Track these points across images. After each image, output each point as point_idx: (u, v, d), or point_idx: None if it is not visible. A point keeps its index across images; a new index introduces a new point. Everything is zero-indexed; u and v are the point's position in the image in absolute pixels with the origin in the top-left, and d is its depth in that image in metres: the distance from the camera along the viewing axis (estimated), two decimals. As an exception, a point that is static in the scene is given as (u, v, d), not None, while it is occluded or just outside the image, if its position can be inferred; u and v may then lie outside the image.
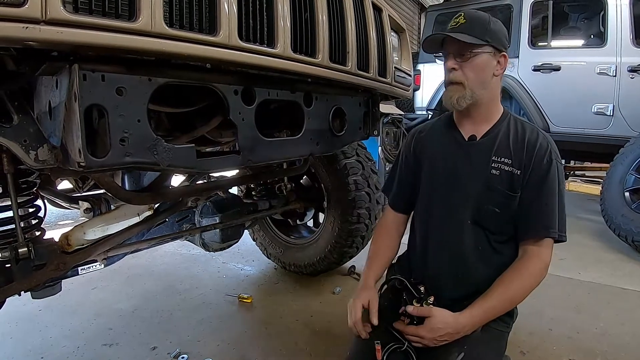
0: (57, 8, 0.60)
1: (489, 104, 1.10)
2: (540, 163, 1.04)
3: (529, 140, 1.06)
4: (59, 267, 1.14)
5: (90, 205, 1.57)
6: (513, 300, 1.04)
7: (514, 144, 1.06)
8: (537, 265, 1.03)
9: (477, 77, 1.05)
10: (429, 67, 4.73)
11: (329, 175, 2.08)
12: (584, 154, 4.52)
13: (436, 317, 1.00)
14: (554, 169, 1.04)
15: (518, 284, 1.02)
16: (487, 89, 1.07)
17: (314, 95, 1.22)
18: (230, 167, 1.18)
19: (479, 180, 1.07)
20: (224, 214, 1.74)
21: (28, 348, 1.68)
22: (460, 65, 1.05)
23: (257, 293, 2.22)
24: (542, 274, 1.04)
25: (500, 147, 1.07)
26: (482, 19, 1.06)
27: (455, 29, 1.04)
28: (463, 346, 1.00)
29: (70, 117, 0.72)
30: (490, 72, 1.06)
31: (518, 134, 1.08)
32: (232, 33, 0.84)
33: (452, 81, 1.07)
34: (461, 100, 1.06)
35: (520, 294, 1.03)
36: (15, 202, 1.07)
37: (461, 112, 1.13)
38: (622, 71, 3.45)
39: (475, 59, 1.04)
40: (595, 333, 1.78)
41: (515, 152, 1.06)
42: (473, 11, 1.07)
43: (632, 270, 2.57)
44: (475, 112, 1.10)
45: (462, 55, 1.04)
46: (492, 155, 1.07)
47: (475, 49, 1.03)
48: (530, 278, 1.02)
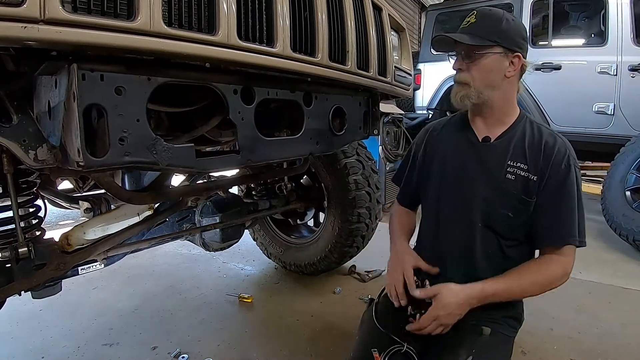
0: (56, 8, 0.60)
1: (503, 105, 1.08)
2: (558, 169, 1.02)
3: (545, 144, 1.04)
4: (59, 267, 1.14)
5: (91, 205, 1.57)
6: (524, 291, 1.04)
7: (530, 149, 1.04)
8: (558, 270, 1.03)
9: (484, 78, 1.03)
10: (429, 67, 4.72)
11: (330, 174, 2.08)
12: (584, 153, 4.51)
13: (443, 292, 1.00)
14: (573, 174, 1.02)
15: (534, 278, 1.02)
16: (497, 90, 1.04)
17: (313, 94, 1.22)
18: (229, 167, 1.18)
19: (491, 184, 1.06)
20: (224, 214, 1.74)
21: (28, 348, 1.68)
22: (467, 66, 1.03)
23: (258, 293, 2.22)
24: (562, 279, 1.03)
25: (516, 151, 1.05)
26: (493, 17, 1.02)
27: (464, 29, 1.03)
28: (471, 350, 1.00)
29: (69, 117, 0.72)
30: (500, 73, 1.02)
31: (535, 138, 1.05)
32: (231, 32, 0.84)
33: (457, 81, 1.06)
34: (465, 99, 1.05)
35: (533, 289, 1.03)
36: (15, 202, 1.07)
37: (474, 112, 1.12)
38: (622, 70, 3.44)
39: (481, 60, 1.01)
40: (596, 333, 1.78)
41: (531, 157, 1.04)
42: (487, 9, 1.05)
43: (634, 270, 2.57)
44: (487, 113, 1.09)
45: (469, 56, 1.03)
46: (508, 160, 1.05)
47: (480, 50, 1.00)
48: (549, 278, 1.03)
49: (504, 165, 1.05)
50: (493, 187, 1.05)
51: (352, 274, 2.42)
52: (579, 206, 1.03)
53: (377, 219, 2.21)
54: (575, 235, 1.02)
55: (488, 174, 1.06)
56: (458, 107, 1.10)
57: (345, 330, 1.79)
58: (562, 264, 1.03)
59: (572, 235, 1.02)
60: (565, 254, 1.03)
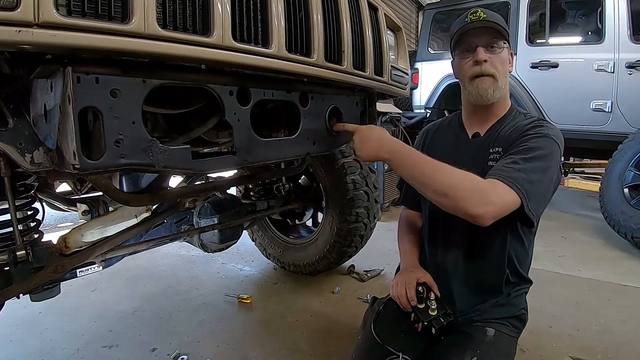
0: (50, 11, 0.60)
1: (504, 99, 1.11)
2: (523, 133, 1.02)
3: (522, 125, 1.06)
4: (57, 270, 1.14)
5: (88, 208, 1.57)
6: (434, 173, 0.94)
7: (510, 134, 1.06)
8: (483, 186, 0.91)
9: (504, 70, 1.06)
10: (427, 66, 4.73)
11: (327, 174, 2.08)
12: (582, 151, 4.53)
13: (361, 128, 1.12)
14: (536, 136, 0.99)
15: (453, 173, 0.93)
16: (507, 84, 1.09)
17: (309, 94, 1.22)
18: (226, 168, 1.18)
19: (481, 175, 1.07)
20: (223, 215, 1.74)
21: (28, 350, 1.68)
22: (490, 57, 1.04)
23: (257, 293, 2.22)
24: (479, 197, 0.89)
25: (499, 139, 1.08)
26: (498, 16, 1.07)
27: (480, 22, 1.04)
28: (476, 350, 1.01)
29: (65, 120, 0.72)
30: (508, 66, 1.08)
31: (517, 125, 1.07)
32: (225, 34, 0.84)
33: (484, 73, 1.04)
34: (496, 92, 1.06)
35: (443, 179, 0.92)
36: (12, 205, 1.07)
37: (474, 110, 1.14)
38: (620, 67, 3.45)
39: (502, 52, 1.05)
40: (595, 330, 1.78)
41: (508, 140, 1.05)
42: (487, 9, 1.08)
43: (633, 266, 2.57)
44: (491, 108, 1.11)
45: (491, 47, 1.04)
46: (490, 148, 1.08)
47: (504, 41, 1.05)
48: (471, 184, 0.91)
49: (487, 154, 1.07)
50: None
51: (351, 273, 2.42)
52: (540, 168, 0.95)
53: (375, 218, 2.22)
54: (517, 182, 0.91)
55: (478, 166, 1.07)
56: (485, 102, 1.07)
57: (344, 330, 1.79)
58: (489, 187, 0.91)
59: (513, 179, 0.92)
60: (500, 189, 0.91)
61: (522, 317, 1.15)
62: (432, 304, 1.07)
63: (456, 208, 0.91)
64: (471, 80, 1.07)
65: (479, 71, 1.04)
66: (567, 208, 4.29)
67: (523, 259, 1.14)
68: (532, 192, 0.92)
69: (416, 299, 1.09)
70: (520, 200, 0.91)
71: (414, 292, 1.10)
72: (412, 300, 1.09)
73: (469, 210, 0.89)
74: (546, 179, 0.97)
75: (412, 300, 1.09)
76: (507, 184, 0.91)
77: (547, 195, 0.98)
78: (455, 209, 0.91)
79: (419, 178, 0.96)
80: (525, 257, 1.15)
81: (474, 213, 0.89)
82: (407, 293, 1.10)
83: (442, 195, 0.92)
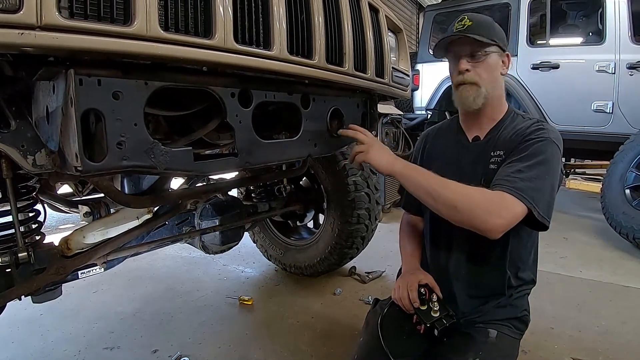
0: (53, 14, 0.60)
1: (499, 103, 1.12)
2: (524, 137, 1.02)
3: (522, 128, 1.06)
4: (58, 271, 1.15)
5: (90, 209, 1.57)
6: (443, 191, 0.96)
7: (511, 137, 1.07)
8: (495, 198, 0.92)
9: (490, 76, 1.07)
10: (427, 67, 4.73)
11: (329, 176, 2.08)
12: (584, 152, 4.52)
13: (372, 139, 1.15)
14: (538, 141, 0.99)
15: (463, 188, 0.95)
16: (497, 88, 1.09)
17: (311, 96, 1.22)
18: (228, 170, 1.18)
19: (480, 178, 1.08)
20: (224, 217, 1.74)
21: (29, 352, 1.68)
22: (473, 66, 1.06)
23: (258, 295, 2.22)
24: (489, 212, 0.91)
25: (499, 142, 1.08)
26: (486, 20, 1.08)
27: (464, 30, 1.04)
28: (478, 352, 1.01)
29: (67, 122, 0.72)
30: (498, 71, 1.08)
31: (517, 128, 1.08)
32: (227, 36, 0.84)
33: (466, 82, 1.07)
34: (478, 99, 1.07)
35: (454, 196, 0.94)
36: (14, 207, 1.07)
37: (468, 114, 1.15)
38: (621, 68, 3.45)
39: (487, 59, 1.06)
40: (597, 331, 1.78)
41: (510, 144, 1.05)
42: (475, 14, 1.09)
43: (634, 267, 2.57)
44: (484, 112, 1.12)
45: (474, 56, 1.05)
46: (491, 152, 1.08)
47: (487, 49, 1.04)
48: (478, 196, 0.93)
49: (489, 157, 1.08)
50: (485, 180, 1.07)
51: (352, 275, 2.42)
52: (543, 173, 0.96)
53: (376, 220, 2.22)
54: (524, 192, 0.93)
55: (480, 170, 1.09)
56: (468, 108, 1.11)
57: (345, 332, 1.79)
58: (498, 199, 0.92)
59: (520, 190, 0.93)
60: (508, 200, 0.92)
61: (524, 318, 1.14)
62: (434, 305, 1.07)
63: (466, 222, 0.94)
64: (456, 87, 1.11)
65: (462, 80, 1.07)
66: (568, 209, 4.28)
67: (525, 260, 1.13)
68: (539, 199, 0.95)
69: (418, 300, 1.08)
70: (528, 210, 0.93)
71: (416, 294, 1.09)
72: (414, 302, 1.09)
73: (480, 225, 0.92)
74: (550, 183, 0.99)
75: (414, 302, 1.09)
76: (514, 195, 0.93)
77: (553, 197, 1.01)
78: (465, 223, 0.95)
79: (430, 192, 0.99)
80: (528, 258, 1.15)
81: (484, 227, 0.92)
82: (410, 295, 1.10)
83: (451, 208, 0.95)
